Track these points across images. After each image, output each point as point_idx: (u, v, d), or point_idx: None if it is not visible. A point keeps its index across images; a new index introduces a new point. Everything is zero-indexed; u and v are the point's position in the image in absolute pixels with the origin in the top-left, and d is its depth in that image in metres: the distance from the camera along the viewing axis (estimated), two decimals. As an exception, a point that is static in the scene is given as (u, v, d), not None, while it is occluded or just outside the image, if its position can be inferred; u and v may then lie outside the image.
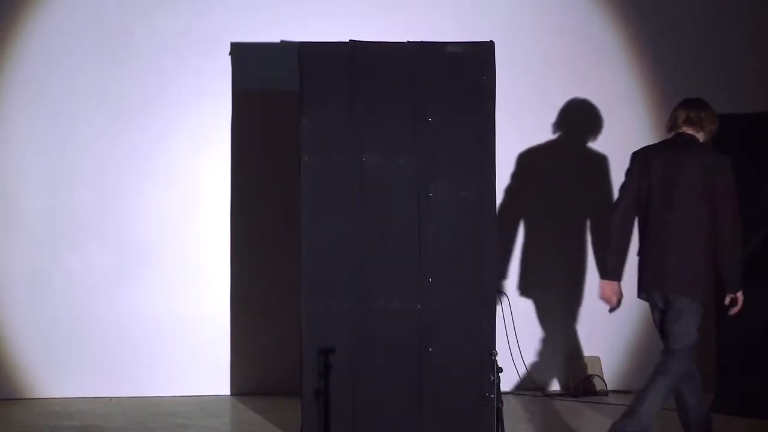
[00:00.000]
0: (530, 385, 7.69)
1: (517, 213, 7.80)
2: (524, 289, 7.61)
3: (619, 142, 7.72)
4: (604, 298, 6.11)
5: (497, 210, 6.52)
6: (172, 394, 7.61)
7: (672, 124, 6.05)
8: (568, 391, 7.75)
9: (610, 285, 6.07)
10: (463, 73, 6.46)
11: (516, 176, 7.76)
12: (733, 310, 5.94)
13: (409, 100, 6.41)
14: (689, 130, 5.97)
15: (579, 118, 7.90)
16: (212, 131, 7.69)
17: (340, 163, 6.37)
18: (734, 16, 8.07)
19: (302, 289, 6.34)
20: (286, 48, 7.38)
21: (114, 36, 7.60)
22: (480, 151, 6.43)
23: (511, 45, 7.48)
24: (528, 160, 7.87)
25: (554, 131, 7.91)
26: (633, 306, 7.87)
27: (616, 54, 7.98)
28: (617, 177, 7.78)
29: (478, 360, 6.25)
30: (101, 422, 6.87)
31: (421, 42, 6.51)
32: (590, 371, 7.80)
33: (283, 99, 7.41)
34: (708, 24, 8.05)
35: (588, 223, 7.98)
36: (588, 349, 7.89)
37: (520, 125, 7.74)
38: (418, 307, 6.34)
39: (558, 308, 7.90)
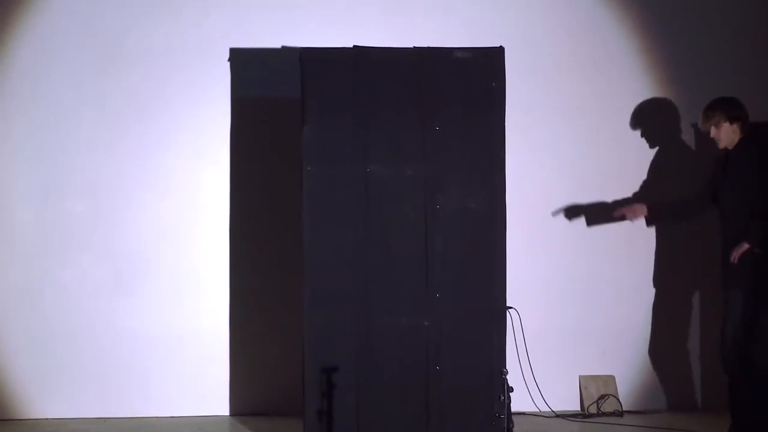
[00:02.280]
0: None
1: (528, 224, 7.60)
2: (535, 304, 7.42)
3: (632, 146, 7.71)
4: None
5: (506, 221, 6.39)
6: (169, 415, 7.47)
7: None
8: (581, 412, 7.60)
9: None
10: (471, 80, 6.41)
11: (526, 185, 7.59)
12: None
13: (415, 108, 6.37)
14: None
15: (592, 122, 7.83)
16: (211, 139, 7.57)
17: (344, 174, 6.33)
18: (752, 16, 7.93)
19: (305, 304, 6.28)
20: (287, 54, 7.31)
21: (110, 41, 7.49)
22: (489, 161, 6.38)
23: (521, 50, 7.37)
24: (540, 168, 7.73)
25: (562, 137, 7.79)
26: (648, 324, 7.75)
27: (630, 58, 7.83)
28: (630, 182, 7.72)
29: (488, 378, 6.22)
30: (94, 444, 6.82)
31: (428, 47, 6.45)
32: (605, 391, 7.66)
33: (285, 106, 7.33)
34: (724, 24, 7.91)
35: (604, 233, 7.79)
36: (602, 367, 7.72)
37: (529, 132, 7.60)
38: (426, 323, 6.29)
39: (571, 325, 7.72)
